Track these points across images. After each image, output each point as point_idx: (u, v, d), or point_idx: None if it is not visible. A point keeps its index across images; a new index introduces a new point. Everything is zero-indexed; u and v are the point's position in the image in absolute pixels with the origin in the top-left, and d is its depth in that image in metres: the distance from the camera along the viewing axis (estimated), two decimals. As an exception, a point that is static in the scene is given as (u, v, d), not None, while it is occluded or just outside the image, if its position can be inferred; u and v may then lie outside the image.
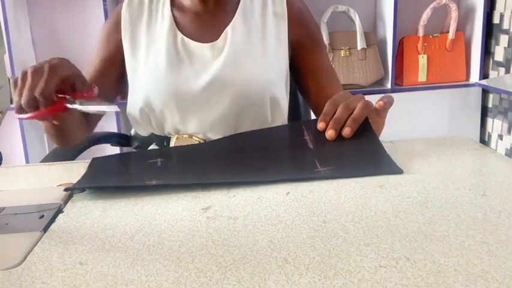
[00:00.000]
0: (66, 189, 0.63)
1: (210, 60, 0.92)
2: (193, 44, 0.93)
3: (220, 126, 0.92)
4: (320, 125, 0.75)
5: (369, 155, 0.70)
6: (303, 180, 0.63)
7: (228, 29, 0.93)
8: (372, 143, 0.72)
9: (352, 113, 0.74)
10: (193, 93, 0.90)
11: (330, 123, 0.74)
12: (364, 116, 0.74)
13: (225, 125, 0.92)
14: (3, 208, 0.59)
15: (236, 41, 0.92)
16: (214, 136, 0.93)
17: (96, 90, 0.75)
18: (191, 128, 0.93)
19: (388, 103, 0.77)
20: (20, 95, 0.72)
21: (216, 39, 0.93)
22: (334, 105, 0.76)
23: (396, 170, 0.65)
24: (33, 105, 0.70)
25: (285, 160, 0.72)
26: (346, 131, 0.73)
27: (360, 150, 0.71)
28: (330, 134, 0.73)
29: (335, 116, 0.75)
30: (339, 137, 0.74)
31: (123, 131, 2.14)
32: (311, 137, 0.75)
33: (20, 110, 0.72)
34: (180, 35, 0.93)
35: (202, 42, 0.93)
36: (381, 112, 0.78)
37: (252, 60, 0.92)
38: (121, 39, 0.96)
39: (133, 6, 0.97)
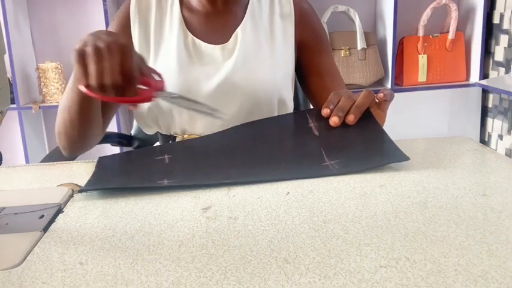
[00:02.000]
0: (79, 191, 0.63)
1: (220, 61, 0.91)
2: (204, 46, 0.92)
3: (229, 127, 0.92)
4: (324, 111, 0.76)
5: (374, 143, 0.71)
6: (307, 179, 0.63)
7: (238, 30, 0.93)
8: (376, 131, 0.74)
9: (354, 103, 0.76)
10: (204, 95, 0.90)
11: (334, 110, 0.76)
12: (367, 104, 0.76)
13: (233, 125, 0.92)
14: (3, 208, 0.59)
15: (246, 43, 0.92)
16: None
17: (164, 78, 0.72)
18: (199, 128, 0.92)
19: (389, 95, 0.79)
20: (100, 73, 0.64)
21: (226, 41, 0.93)
22: (338, 96, 0.78)
23: (403, 158, 0.67)
24: (117, 87, 0.64)
25: (293, 151, 0.72)
26: (350, 118, 0.74)
27: (365, 138, 0.73)
28: (334, 120, 0.75)
29: (339, 104, 0.76)
30: (344, 125, 0.75)
31: (123, 131, 2.14)
32: (315, 123, 0.76)
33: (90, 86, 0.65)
34: (190, 36, 0.92)
35: (212, 44, 0.92)
36: (382, 104, 0.79)
37: (261, 62, 0.92)
38: (131, 35, 0.94)
39: (142, 4, 0.95)
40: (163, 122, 0.94)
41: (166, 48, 0.92)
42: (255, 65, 0.92)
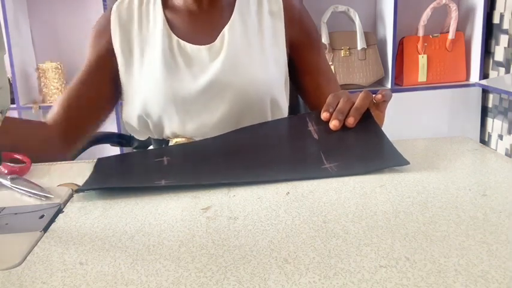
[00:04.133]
0: (76, 191, 0.63)
1: (207, 62, 0.89)
2: (189, 47, 0.90)
3: (221, 129, 0.90)
4: (324, 115, 0.76)
5: (374, 146, 0.71)
6: (306, 180, 0.63)
7: (226, 29, 0.91)
8: (375, 134, 0.73)
9: (353, 106, 0.75)
10: (192, 97, 0.88)
11: (334, 113, 0.75)
12: (366, 106, 0.76)
13: (225, 128, 0.90)
14: (3, 208, 0.59)
15: (234, 43, 0.90)
16: None
17: (31, 166, 0.73)
18: (190, 131, 0.91)
19: (387, 95, 0.78)
20: None
21: (213, 41, 0.91)
22: (337, 98, 0.77)
23: (402, 161, 0.66)
24: None
25: (292, 155, 0.72)
26: (350, 121, 0.74)
27: (365, 142, 0.72)
28: (334, 123, 0.74)
29: (338, 107, 0.76)
30: (343, 128, 0.74)
31: (123, 131, 2.14)
32: (315, 127, 0.76)
33: None
34: (175, 38, 0.90)
35: (198, 45, 0.90)
36: (380, 105, 0.79)
37: (251, 61, 0.90)
38: (111, 43, 0.93)
39: (123, 8, 0.93)
40: (153, 127, 0.93)
41: (151, 54, 0.90)
42: (245, 64, 0.89)
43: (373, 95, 0.78)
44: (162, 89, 0.88)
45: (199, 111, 0.89)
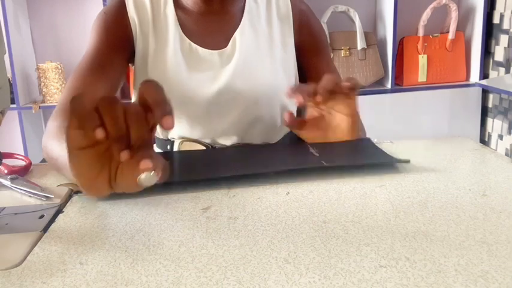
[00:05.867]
0: (76, 191, 0.63)
1: (219, 67, 0.89)
2: (201, 51, 0.89)
3: (231, 133, 0.91)
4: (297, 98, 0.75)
5: (369, 153, 0.71)
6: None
7: (237, 34, 0.90)
8: (371, 147, 0.74)
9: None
10: (203, 102, 0.88)
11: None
12: (330, 83, 0.74)
13: (235, 131, 0.90)
14: (3, 208, 0.59)
15: (245, 49, 0.90)
16: (223, 141, 0.91)
17: (31, 166, 0.73)
18: (198, 135, 0.91)
19: (354, 83, 0.76)
20: None
21: (224, 46, 0.90)
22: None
23: (402, 161, 0.67)
24: None
25: (288, 157, 0.73)
26: (317, 98, 0.73)
27: (361, 151, 0.73)
28: (298, 100, 0.73)
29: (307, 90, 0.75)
30: (344, 148, 0.75)
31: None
32: (316, 150, 0.75)
33: None
34: (187, 40, 0.89)
35: (210, 49, 0.90)
36: (349, 93, 0.76)
37: (261, 67, 0.90)
38: (127, 28, 0.90)
39: (136, 4, 0.91)
40: (160, 129, 0.92)
41: (163, 52, 0.89)
42: (255, 70, 0.89)
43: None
44: (173, 92, 0.86)
45: (209, 116, 0.89)
